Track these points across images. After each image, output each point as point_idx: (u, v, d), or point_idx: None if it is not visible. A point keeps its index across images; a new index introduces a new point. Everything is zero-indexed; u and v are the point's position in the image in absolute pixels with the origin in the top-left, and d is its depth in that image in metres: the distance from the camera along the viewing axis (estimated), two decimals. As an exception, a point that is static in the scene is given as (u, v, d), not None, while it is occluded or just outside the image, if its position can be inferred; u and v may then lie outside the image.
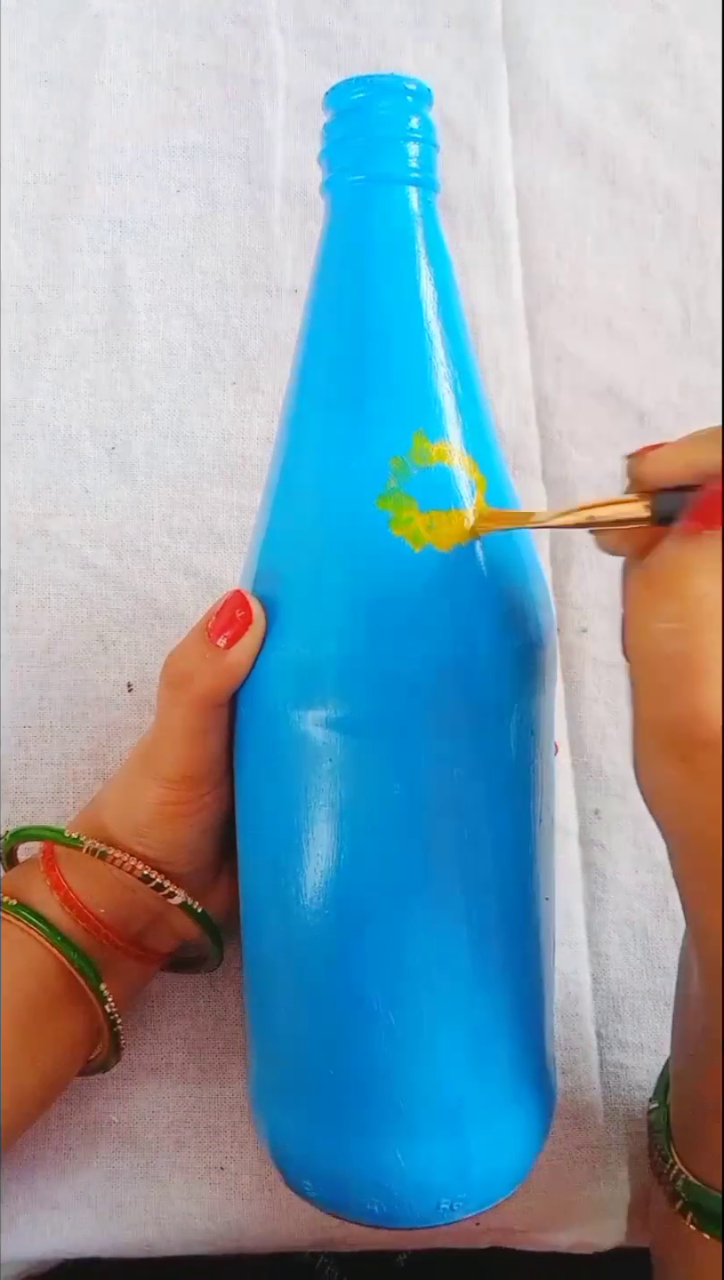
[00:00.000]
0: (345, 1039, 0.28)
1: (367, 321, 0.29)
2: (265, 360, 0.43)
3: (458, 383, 0.29)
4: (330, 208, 0.31)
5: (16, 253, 0.44)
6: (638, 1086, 0.38)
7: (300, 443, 0.30)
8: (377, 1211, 0.29)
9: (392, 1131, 0.28)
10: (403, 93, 0.30)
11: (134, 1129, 0.37)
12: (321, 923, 0.28)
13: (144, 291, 0.44)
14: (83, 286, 0.44)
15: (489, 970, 0.28)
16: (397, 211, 0.30)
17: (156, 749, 0.31)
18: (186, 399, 0.43)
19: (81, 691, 0.40)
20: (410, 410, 0.28)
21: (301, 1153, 0.30)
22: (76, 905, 0.31)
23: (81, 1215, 0.36)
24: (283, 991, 0.29)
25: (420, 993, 0.28)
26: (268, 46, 0.46)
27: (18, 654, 0.40)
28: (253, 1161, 0.37)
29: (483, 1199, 0.29)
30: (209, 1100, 0.37)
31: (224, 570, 0.41)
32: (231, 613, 0.29)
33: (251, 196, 0.45)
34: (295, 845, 0.28)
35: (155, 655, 0.40)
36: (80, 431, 0.43)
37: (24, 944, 0.31)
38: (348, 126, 0.30)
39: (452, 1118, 0.28)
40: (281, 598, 0.29)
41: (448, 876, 0.27)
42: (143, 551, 0.41)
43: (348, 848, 0.28)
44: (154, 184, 0.45)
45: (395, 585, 0.27)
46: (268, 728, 0.29)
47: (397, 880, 0.27)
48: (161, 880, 0.32)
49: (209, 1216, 0.36)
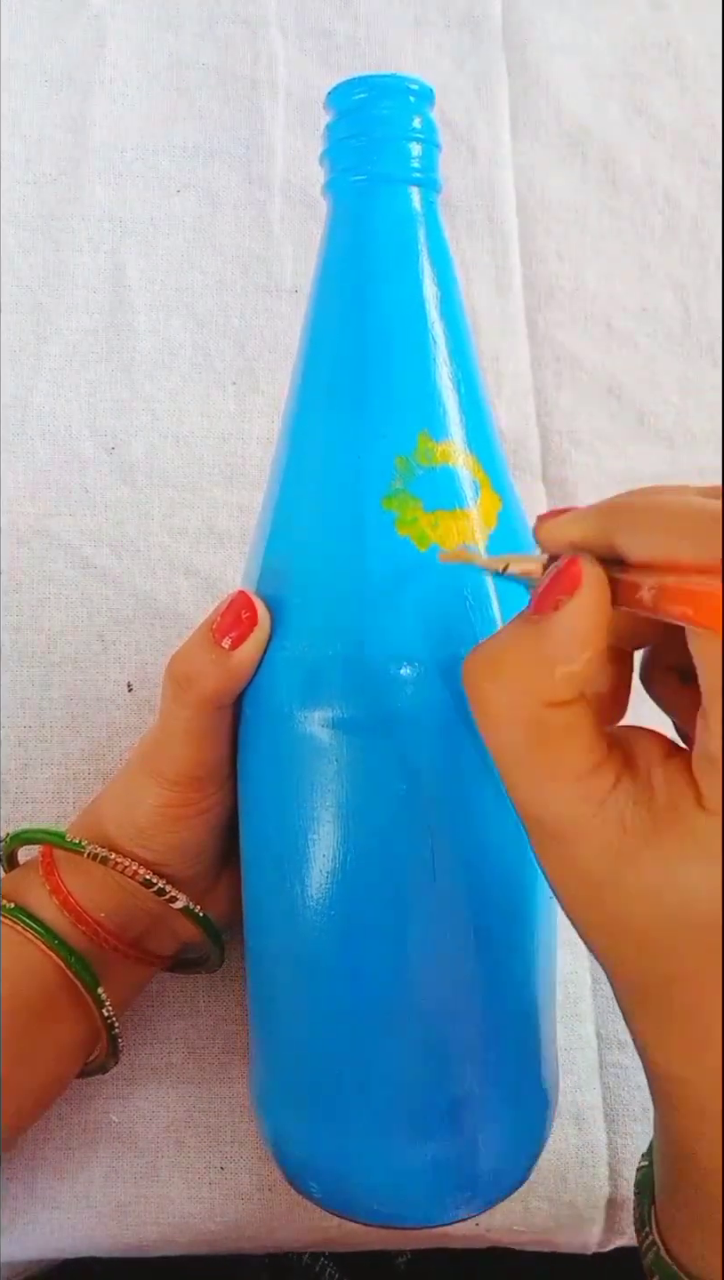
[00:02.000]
0: (349, 1039, 0.28)
1: (370, 321, 0.29)
2: (265, 360, 0.43)
3: (461, 383, 0.29)
4: (332, 208, 0.31)
5: (16, 253, 0.44)
6: (638, 1087, 0.38)
7: (304, 443, 0.30)
8: (379, 1211, 0.29)
9: (395, 1131, 0.28)
10: (405, 93, 0.30)
11: (134, 1129, 0.37)
12: (325, 923, 0.28)
13: (144, 292, 0.44)
14: (83, 286, 0.44)
15: (492, 969, 0.28)
16: (399, 211, 0.30)
17: (159, 750, 0.31)
18: (186, 399, 0.43)
19: (82, 691, 0.40)
20: (415, 410, 0.28)
21: (305, 1153, 0.30)
22: (76, 909, 0.31)
23: (82, 1215, 0.36)
24: (287, 992, 0.29)
25: (424, 992, 0.28)
26: (268, 46, 0.46)
27: (18, 654, 0.40)
28: (253, 1162, 0.37)
29: (485, 1199, 0.29)
30: (209, 1100, 0.37)
31: (224, 570, 0.41)
32: (237, 614, 0.29)
33: (252, 196, 0.45)
34: (299, 845, 0.28)
35: (155, 655, 0.40)
36: (80, 432, 0.42)
37: (22, 948, 0.31)
38: (350, 127, 0.30)
39: (455, 1117, 0.28)
40: (286, 598, 0.29)
41: (452, 876, 0.27)
42: (143, 551, 0.41)
43: (352, 847, 0.28)
44: (154, 184, 0.45)
45: (401, 585, 0.27)
46: (272, 728, 0.29)
47: (400, 880, 0.27)
48: (163, 885, 0.31)
49: (209, 1216, 0.36)
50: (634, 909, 0.21)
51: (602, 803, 0.21)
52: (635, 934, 0.22)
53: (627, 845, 0.21)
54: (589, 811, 0.21)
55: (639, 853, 0.21)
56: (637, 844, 0.21)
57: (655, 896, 0.21)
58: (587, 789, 0.22)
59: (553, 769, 0.22)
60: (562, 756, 0.22)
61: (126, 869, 0.31)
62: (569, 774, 0.22)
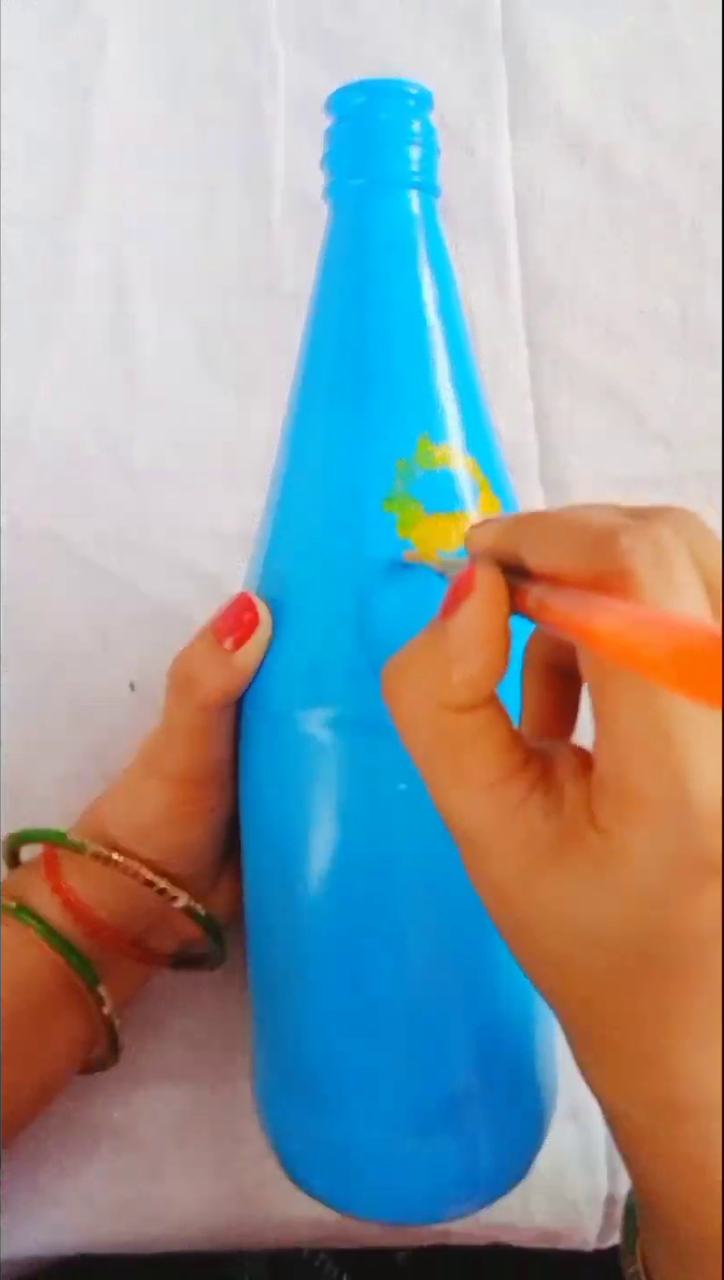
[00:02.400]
0: (350, 1036, 0.28)
1: (370, 324, 0.29)
2: (266, 363, 0.43)
3: (460, 385, 0.29)
4: (332, 211, 0.31)
5: (17, 253, 0.44)
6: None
7: (305, 445, 0.30)
8: (380, 1207, 0.29)
9: (396, 1127, 0.28)
10: (405, 96, 0.30)
11: (136, 1126, 0.37)
12: (326, 920, 0.28)
13: (145, 294, 0.44)
14: (84, 288, 0.44)
15: (492, 966, 0.28)
16: (398, 215, 0.30)
17: (162, 751, 0.31)
18: (188, 401, 0.43)
19: (84, 692, 0.40)
20: (415, 413, 0.29)
21: (306, 1149, 0.30)
22: (77, 908, 0.32)
23: (83, 1212, 0.36)
24: (288, 989, 0.30)
25: (424, 989, 0.28)
26: (268, 48, 0.46)
27: (20, 654, 0.40)
28: (254, 1158, 0.37)
29: (486, 1195, 0.30)
30: (210, 1097, 0.37)
31: (225, 571, 0.41)
32: (239, 615, 0.29)
33: (252, 199, 0.45)
34: (301, 844, 0.28)
35: (157, 655, 0.40)
36: (82, 433, 0.43)
37: (22, 946, 0.31)
38: (350, 130, 0.30)
39: (455, 1114, 0.28)
40: (288, 599, 0.29)
41: (451, 874, 0.27)
42: (145, 552, 0.42)
43: (353, 846, 0.28)
44: (155, 186, 0.45)
45: (402, 586, 0.27)
46: (273, 728, 0.29)
47: (400, 878, 0.28)
48: (165, 885, 0.32)
49: (210, 1213, 0.37)
50: (546, 925, 0.21)
51: (512, 814, 0.21)
52: (550, 952, 0.21)
53: (535, 860, 0.20)
54: (498, 822, 0.21)
55: (545, 868, 0.20)
56: (543, 859, 0.20)
57: (562, 914, 0.20)
58: (497, 798, 0.21)
59: (458, 775, 0.21)
60: (469, 763, 0.21)
61: (128, 869, 0.31)
62: (476, 782, 0.21)
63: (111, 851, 0.31)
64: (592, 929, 0.20)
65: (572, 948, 0.21)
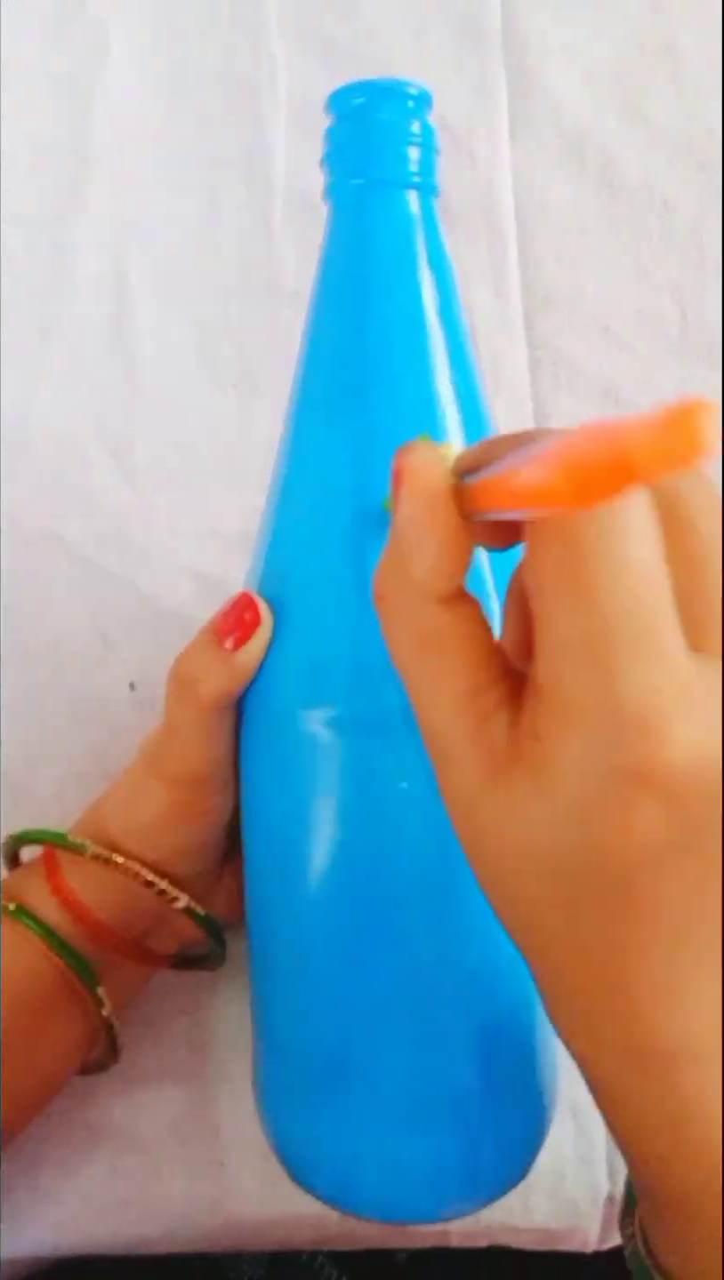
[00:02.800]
0: (353, 1035, 0.28)
1: (370, 324, 0.29)
2: (267, 363, 0.43)
3: (460, 386, 0.29)
4: (332, 211, 0.31)
5: (17, 253, 0.44)
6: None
7: (305, 445, 0.30)
8: (381, 1206, 0.29)
9: (396, 1126, 0.28)
10: (404, 97, 0.30)
11: (135, 1126, 0.37)
12: (327, 919, 0.28)
13: (145, 294, 0.44)
14: (84, 289, 0.44)
15: (493, 965, 0.28)
16: (397, 215, 0.30)
17: (162, 751, 0.31)
18: (188, 401, 0.43)
19: (84, 692, 0.40)
20: (415, 413, 0.29)
21: (307, 1148, 0.30)
22: (77, 909, 0.32)
23: (83, 1212, 0.36)
24: (290, 988, 0.30)
25: (425, 988, 0.28)
26: (269, 50, 0.46)
27: (21, 654, 0.41)
28: (253, 1158, 0.37)
29: (486, 1195, 0.30)
30: (210, 1097, 0.37)
31: (226, 571, 0.41)
32: (240, 614, 0.29)
33: (252, 199, 0.45)
34: (302, 844, 0.28)
35: (158, 655, 0.40)
36: (83, 433, 0.43)
37: (22, 947, 0.31)
38: (349, 131, 0.31)
39: (455, 1113, 0.28)
40: (288, 599, 0.29)
41: (454, 873, 0.28)
42: (146, 553, 0.42)
43: (355, 845, 0.28)
44: (155, 186, 0.45)
45: None
46: (274, 728, 0.29)
47: (401, 877, 0.28)
48: (166, 886, 0.32)
49: (210, 1213, 0.37)
50: (496, 844, 0.20)
51: (479, 726, 0.20)
52: (501, 875, 0.21)
53: (490, 773, 0.20)
54: (466, 733, 0.20)
55: (497, 784, 0.20)
56: (496, 773, 0.20)
57: (504, 832, 0.20)
58: (469, 708, 0.20)
59: (436, 679, 0.21)
60: (447, 666, 0.21)
61: (129, 870, 0.31)
62: (452, 688, 0.21)
63: (112, 853, 0.31)
64: (532, 847, 0.20)
65: (518, 869, 0.20)
